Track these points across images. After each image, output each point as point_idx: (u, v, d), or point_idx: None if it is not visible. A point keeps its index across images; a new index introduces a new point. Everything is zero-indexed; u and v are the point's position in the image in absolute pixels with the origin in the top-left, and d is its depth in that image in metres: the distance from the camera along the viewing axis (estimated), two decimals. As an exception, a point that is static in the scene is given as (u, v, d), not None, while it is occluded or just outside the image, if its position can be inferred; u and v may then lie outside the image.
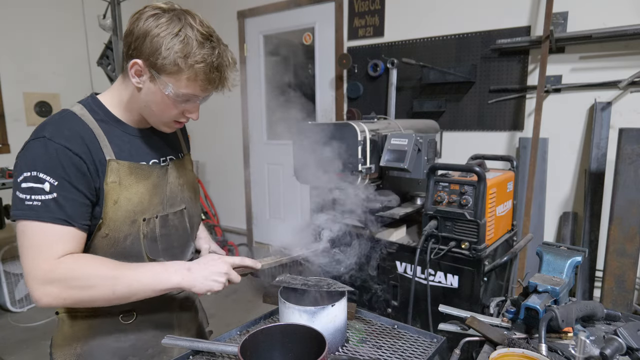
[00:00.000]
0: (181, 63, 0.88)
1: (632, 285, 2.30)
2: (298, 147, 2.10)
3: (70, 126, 0.93)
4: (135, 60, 0.91)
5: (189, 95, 0.94)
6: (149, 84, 0.93)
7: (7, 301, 3.24)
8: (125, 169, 0.98)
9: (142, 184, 1.01)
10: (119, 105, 1.01)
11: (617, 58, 2.50)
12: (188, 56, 0.88)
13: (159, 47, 0.88)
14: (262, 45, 4.08)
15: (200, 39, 0.89)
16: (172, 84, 0.91)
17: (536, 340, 1.01)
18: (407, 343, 1.08)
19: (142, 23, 0.90)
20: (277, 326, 0.94)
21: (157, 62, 0.89)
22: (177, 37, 0.88)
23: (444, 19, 3.02)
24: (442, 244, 1.85)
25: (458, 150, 3.04)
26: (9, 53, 3.51)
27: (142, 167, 1.02)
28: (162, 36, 0.88)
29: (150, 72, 0.91)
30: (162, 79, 0.91)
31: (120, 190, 0.96)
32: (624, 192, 2.28)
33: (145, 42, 0.89)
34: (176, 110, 0.97)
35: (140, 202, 1.00)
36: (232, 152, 4.41)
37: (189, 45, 0.88)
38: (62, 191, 0.88)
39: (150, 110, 0.98)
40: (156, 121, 1.01)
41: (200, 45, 0.89)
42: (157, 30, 0.88)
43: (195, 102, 0.98)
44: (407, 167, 1.90)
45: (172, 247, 1.09)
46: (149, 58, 0.89)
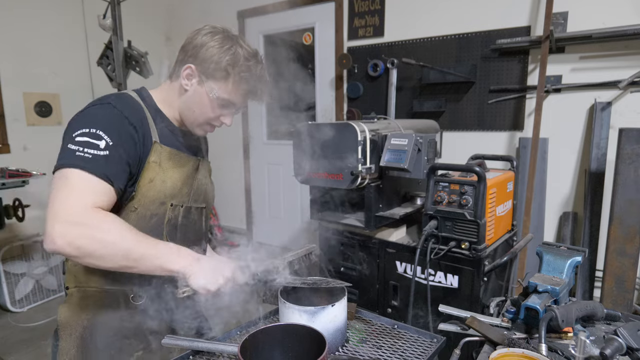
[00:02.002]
0: (230, 70, 1.03)
1: (632, 285, 2.30)
2: (298, 147, 2.10)
3: (131, 103, 1.05)
4: (189, 65, 1.05)
5: (229, 100, 1.08)
6: (196, 86, 1.07)
7: (7, 301, 3.24)
8: (166, 153, 1.08)
9: (177, 171, 1.11)
10: (163, 102, 1.13)
11: (617, 58, 2.50)
12: (236, 65, 1.04)
13: (212, 56, 1.03)
14: (262, 45, 4.08)
15: (247, 55, 1.05)
16: (217, 88, 1.05)
17: (536, 340, 1.01)
18: (407, 343, 1.08)
19: (200, 37, 1.05)
20: (277, 326, 0.94)
21: (209, 68, 1.04)
22: (229, 51, 1.04)
23: (444, 19, 3.02)
24: (442, 244, 1.85)
25: (458, 150, 3.04)
26: (9, 53, 3.51)
27: (181, 155, 1.12)
28: (217, 47, 1.04)
29: (200, 77, 1.06)
30: (210, 83, 1.05)
31: (158, 170, 1.06)
32: (624, 192, 2.28)
33: (201, 50, 1.04)
34: (213, 113, 1.10)
35: (172, 187, 1.09)
36: (232, 152, 4.41)
37: (237, 57, 1.04)
38: (114, 152, 0.94)
39: (190, 111, 1.10)
40: (193, 122, 1.12)
41: (247, 60, 1.05)
42: (213, 43, 1.04)
43: (231, 109, 1.11)
44: (407, 167, 1.90)
45: (188, 239, 1.16)
46: (202, 64, 1.04)
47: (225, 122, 1.13)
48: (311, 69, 3.82)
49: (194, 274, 0.94)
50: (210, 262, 0.98)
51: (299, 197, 3.94)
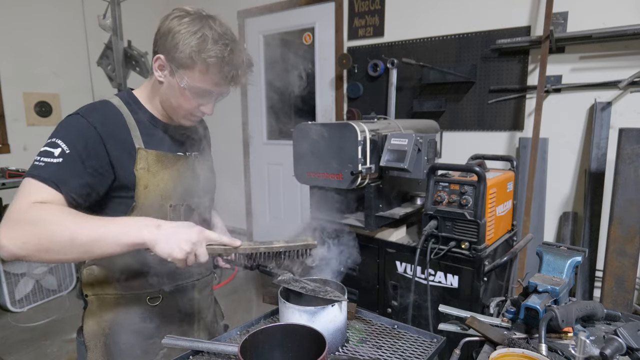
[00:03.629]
0: (195, 57, 0.97)
1: (632, 285, 2.30)
2: (298, 147, 2.10)
3: (105, 112, 1.03)
4: (158, 55, 1.01)
5: (202, 89, 1.02)
6: (169, 77, 1.03)
7: (7, 301, 3.24)
8: (152, 157, 1.06)
9: (167, 172, 1.09)
10: (148, 99, 1.11)
11: (617, 58, 2.50)
12: (202, 51, 0.96)
13: (177, 43, 0.97)
14: (262, 45, 4.07)
15: (215, 37, 0.98)
16: (187, 77, 1.00)
17: (536, 340, 1.01)
18: (407, 343, 1.08)
19: (167, 22, 1.00)
20: (277, 326, 0.93)
21: (176, 56, 0.98)
22: (195, 35, 0.97)
23: (444, 19, 3.02)
24: (442, 244, 1.85)
25: (458, 150, 3.04)
26: (9, 53, 3.51)
27: (168, 156, 1.10)
28: (182, 33, 0.97)
29: (170, 67, 1.00)
30: (180, 72, 1.00)
31: (149, 176, 1.05)
32: (624, 192, 2.28)
33: (167, 38, 0.99)
34: (192, 103, 1.05)
35: (166, 188, 1.08)
36: (232, 152, 4.41)
37: (204, 42, 0.96)
38: (68, 159, 0.93)
39: (169, 103, 1.07)
40: (175, 114, 1.09)
41: (214, 42, 0.97)
42: (179, 28, 0.98)
43: (208, 98, 1.06)
44: (407, 167, 1.90)
45: None
46: (170, 53, 0.99)
47: (205, 111, 1.09)
48: (311, 68, 3.82)
49: (155, 241, 0.88)
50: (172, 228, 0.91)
51: (299, 197, 3.94)
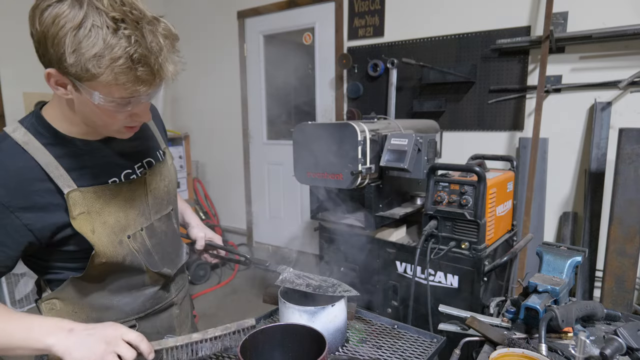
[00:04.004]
0: (92, 67, 0.68)
1: (632, 285, 2.30)
2: (298, 147, 2.10)
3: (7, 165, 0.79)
4: (48, 71, 0.72)
5: (122, 99, 0.74)
6: (76, 94, 0.74)
7: (7, 301, 3.24)
8: (90, 195, 0.86)
9: (113, 204, 0.90)
10: (64, 121, 0.84)
11: (617, 58, 2.50)
12: (100, 56, 0.67)
13: (62, 51, 0.67)
14: (262, 45, 4.07)
15: (110, 24, 0.67)
16: (97, 91, 0.72)
17: (536, 340, 1.01)
18: (407, 343, 1.08)
19: (37, 22, 0.69)
20: (277, 326, 0.93)
21: (68, 70, 0.69)
22: (80, 30, 0.66)
23: (444, 19, 3.02)
24: (442, 244, 1.85)
25: (458, 150, 3.04)
26: (9, 53, 3.51)
27: (109, 188, 0.90)
28: (62, 35, 0.67)
29: (70, 80, 0.72)
30: (85, 86, 0.71)
31: (91, 218, 0.86)
32: (624, 192, 2.28)
33: (47, 46, 0.69)
34: (118, 117, 0.79)
35: (117, 222, 0.91)
36: (232, 152, 4.41)
37: (98, 38, 0.66)
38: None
39: (92, 123, 0.82)
40: (105, 132, 0.86)
41: (113, 34, 0.67)
42: (55, 28, 0.67)
43: (136, 103, 0.77)
44: (407, 167, 1.90)
45: (167, 253, 1.06)
46: (58, 65, 0.70)
47: (142, 119, 0.84)
48: (311, 68, 3.82)
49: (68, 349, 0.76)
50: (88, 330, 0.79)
51: (299, 197, 3.94)
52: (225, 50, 4.22)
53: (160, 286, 1.05)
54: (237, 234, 4.54)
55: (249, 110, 4.25)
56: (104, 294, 0.96)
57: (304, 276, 1.13)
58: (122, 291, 0.97)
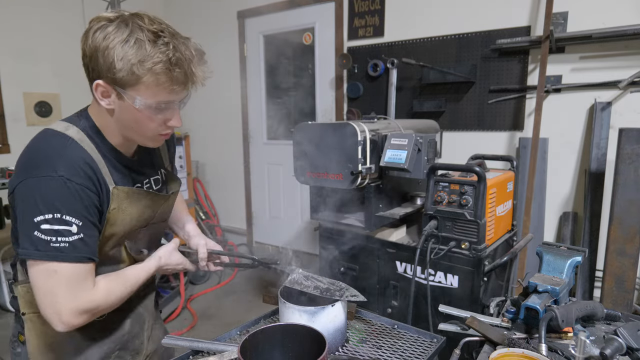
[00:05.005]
0: (137, 70, 0.83)
1: (632, 285, 2.30)
2: (298, 147, 2.10)
3: (81, 161, 0.90)
4: (97, 82, 0.86)
5: (160, 103, 0.88)
6: (118, 102, 0.88)
7: (7, 301, 3.24)
8: (123, 195, 0.98)
9: (135, 207, 1.02)
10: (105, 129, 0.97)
11: (617, 58, 2.50)
12: (144, 60, 0.82)
13: (112, 60, 0.82)
14: (262, 45, 4.07)
15: (152, 38, 0.83)
16: (139, 96, 0.86)
17: (536, 340, 1.01)
18: (407, 343, 1.08)
19: (90, 40, 0.84)
20: (277, 326, 0.93)
21: (116, 77, 0.84)
22: (127, 44, 0.82)
23: (444, 19, 3.02)
24: (442, 244, 1.85)
25: (458, 150, 3.04)
26: (9, 53, 3.51)
27: (139, 192, 1.03)
28: (112, 47, 0.82)
29: (115, 90, 0.86)
30: (129, 93, 0.86)
31: (118, 214, 0.98)
32: (624, 192, 2.28)
33: (98, 59, 0.84)
34: (155, 122, 0.92)
35: (130, 222, 1.03)
36: (232, 152, 4.41)
37: (141, 48, 0.82)
38: (86, 230, 0.89)
39: (130, 129, 0.95)
40: (140, 139, 0.98)
41: (153, 45, 0.83)
42: (106, 43, 0.82)
43: (172, 109, 0.93)
44: (407, 167, 1.90)
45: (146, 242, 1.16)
46: (107, 75, 0.84)
47: (174, 124, 0.96)
48: (311, 68, 3.82)
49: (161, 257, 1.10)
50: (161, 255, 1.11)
51: (299, 197, 3.94)
52: (225, 50, 4.22)
53: None
54: (237, 234, 4.54)
55: (249, 110, 4.25)
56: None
57: (312, 278, 1.13)
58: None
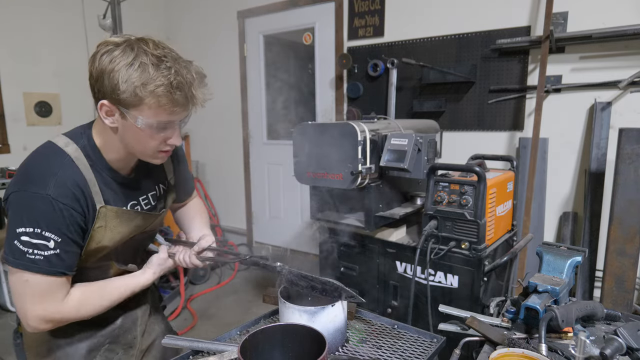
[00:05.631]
0: (140, 92, 0.87)
1: (632, 285, 2.30)
2: (298, 147, 2.10)
3: (71, 182, 0.94)
4: (102, 102, 0.91)
5: (160, 122, 0.93)
6: (121, 121, 0.93)
7: (7, 301, 3.24)
8: (112, 214, 1.02)
9: (125, 225, 1.06)
10: (105, 146, 1.02)
11: (617, 58, 2.50)
12: (147, 83, 0.87)
13: (117, 82, 0.87)
14: (262, 45, 4.07)
15: (155, 62, 0.88)
16: (141, 116, 0.91)
17: (536, 340, 1.01)
18: (407, 343, 1.08)
19: (97, 62, 0.90)
20: (277, 326, 0.93)
21: (120, 98, 0.89)
22: (132, 67, 0.87)
23: (444, 19, 3.02)
24: (442, 244, 1.85)
25: (458, 150, 3.04)
26: (9, 53, 3.51)
27: (129, 213, 1.07)
28: (117, 70, 0.87)
29: (119, 110, 0.91)
30: (131, 113, 0.91)
31: (105, 232, 1.02)
32: (624, 192, 2.28)
33: (104, 81, 0.89)
34: (156, 140, 0.97)
35: (121, 239, 1.07)
36: (232, 152, 4.41)
37: (145, 71, 0.87)
38: (64, 246, 0.93)
39: (132, 147, 0.99)
40: (142, 155, 1.03)
41: (156, 68, 0.88)
42: (112, 66, 0.87)
43: (172, 128, 0.97)
44: (407, 167, 1.90)
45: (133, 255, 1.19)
46: (112, 95, 0.89)
47: (174, 143, 1.00)
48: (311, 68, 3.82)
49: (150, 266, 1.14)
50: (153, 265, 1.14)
51: (299, 197, 3.94)
52: (225, 50, 4.22)
53: None
54: (237, 234, 4.54)
55: (249, 110, 4.25)
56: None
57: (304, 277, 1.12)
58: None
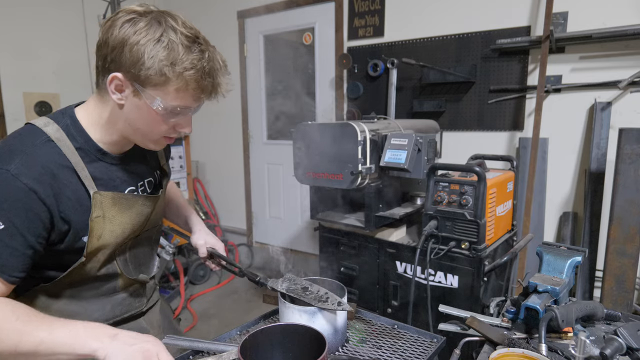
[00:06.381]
0: (168, 72, 0.78)
1: (632, 285, 2.30)
2: (298, 147, 2.10)
3: (44, 162, 0.81)
4: (114, 74, 0.80)
5: (180, 107, 0.84)
6: (132, 99, 0.83)
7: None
8: (108, 200, 0.90)
9: (126, 214, 0.95)
10: (97, 127, 0.90)
11: (617, 58, 2.50)
12: (175, 63, 0.78)
13: (140, 57, 0.78)
14: (262, 45, 4.08)
15: (186, 43, 0.80)
16: (160, 97, 0.81)
17: (536, 340, 1.01)
18: (407, 343, 1.08)
19: (117, 31, 0.79)
20: (277, 326, 0.93)
21: (141, 74, 0.79)
22: (160, 43, 0.78)
23: (444, 19, 3.02)
24: (442, 244, 1.85)
25: (458, 150, 3.04)
26: (9, 53, 3.51)
27: (127, 198, 0.94)
28: (143, 43, 0.77)
29: (133, 86, 0.81)
30: (148, 92, 0.81)
31: (104, 224, 0.90)
32: (624, 192, 2.28)
33: (123, 52, 0.78)
34: (166, 125, 0.88)
35: (123, 233, 0.95)
36: (232, 152, 4.41)
37: (174, 51, 0.78)
38: (4, 237, 0.77)
39: (135, 129, 0.88)
40: (142, 139, 0.91)
41: (187, 50, 0.79)
42: (137, 37, 0.78)
43: (187, 115, 0.89)
44: (407, 167, 1.90)
45: (140, 264, 1.09)
46: (130, 70, 0.79)
47: (185, 130, 0.91)
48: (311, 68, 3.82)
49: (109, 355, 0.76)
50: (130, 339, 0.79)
51: (299, 197, 3.94)
52: (225, 50, 4.20)
53: (130, 293, 1.07)
54: (237, 234, 4.54)
55: (249, 110, 4.26)
56: (74, 301, 0.96)
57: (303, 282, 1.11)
58: (92, 297, 0.98)
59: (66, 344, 0.76)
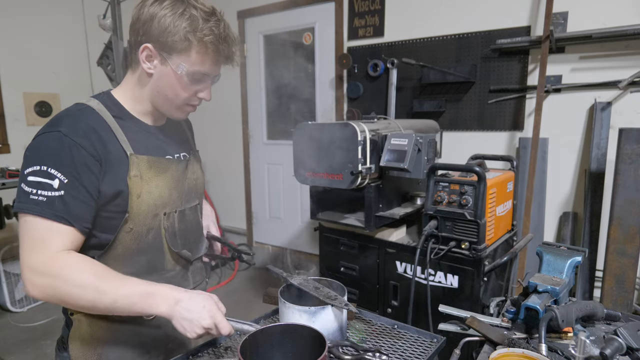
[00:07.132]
0: (191, 37, 0.92)
1: (632, 285, 2.30)
2: (298, 147, 2.10)
3: (87, 122, 0.93)
4: (145, 45, 0.94)
5: (200, 73, 0.97)
6: (160, 67, 0.96)
7: (7, 301, 3.24)
8: (144, 163, 0.99)
9: (161, 178, 1.03)
10: (131, 99, 1.03)
11: (617, 58, 2.50)
12: (196, 30, 0.92)
13: (167, 27, 0.92)
14: (262, 45, 4.08)
15: (205, 16, 0.94)
16: (183, 62, 0.95)
17: (536, 340, 1.01)
18: (407, 343, 1.08)
19: (147, 9, 0.94)
20: (277, 326, 0.93)
21: (167, 41, 0.93)
22: (183, 16, 0.92)
23: (444, 19, 3.02)
24: (442, 244, 1.85)
25: (458, 150, 3.04)
26: (9, 53, 3.51)
27: (160, 161, 1.04)
28: (169, 16, 0.92)
29: (160, 55, 0.95)
30: (174, 58, 0.94)
31: (142, 184, 0.98)
32: (624, 192, 2.28)
33: (152, 24, 0.93)
34: (188, 91, 1.00)
35: (160, 196, 1.02)
36: (232, 152, 4.41)
37: (195, 21, 0.92)
38: (70, 190, 0.88)
39: (162, 96, 1.00)
40: (169, 107, 1.03)
41: (206, 20, 0.94)
42: (163, 12, 0.92)
43: (206, 82, 1.01)
44: (407, 167, 1.90)
45: (189, 241, 1.14)
46: (159, 39, 0.93)
47: (204, 97, 1.04)
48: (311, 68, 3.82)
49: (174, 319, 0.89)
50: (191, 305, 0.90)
51: (299, 197, 3.94)
52: (225, 50, 4.21)
53: (178, 271, 1.11)
54: (237, 234, 4.54)
55: (249, 110, 4.25)
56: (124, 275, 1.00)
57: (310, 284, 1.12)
58: (142, 273, 0.99)
59: (137, 304, 0.88)
